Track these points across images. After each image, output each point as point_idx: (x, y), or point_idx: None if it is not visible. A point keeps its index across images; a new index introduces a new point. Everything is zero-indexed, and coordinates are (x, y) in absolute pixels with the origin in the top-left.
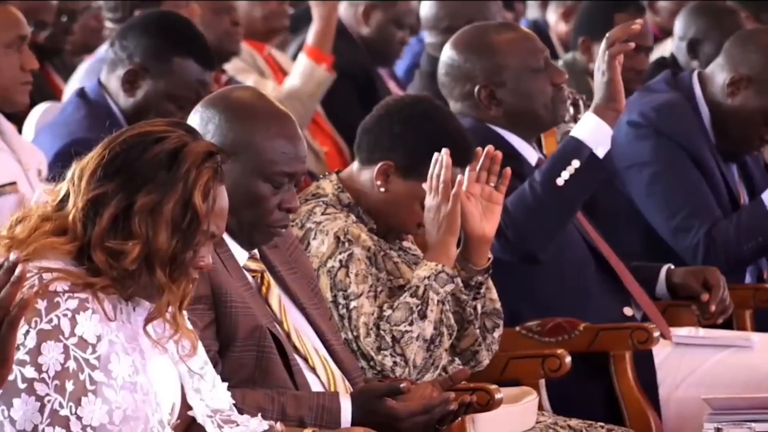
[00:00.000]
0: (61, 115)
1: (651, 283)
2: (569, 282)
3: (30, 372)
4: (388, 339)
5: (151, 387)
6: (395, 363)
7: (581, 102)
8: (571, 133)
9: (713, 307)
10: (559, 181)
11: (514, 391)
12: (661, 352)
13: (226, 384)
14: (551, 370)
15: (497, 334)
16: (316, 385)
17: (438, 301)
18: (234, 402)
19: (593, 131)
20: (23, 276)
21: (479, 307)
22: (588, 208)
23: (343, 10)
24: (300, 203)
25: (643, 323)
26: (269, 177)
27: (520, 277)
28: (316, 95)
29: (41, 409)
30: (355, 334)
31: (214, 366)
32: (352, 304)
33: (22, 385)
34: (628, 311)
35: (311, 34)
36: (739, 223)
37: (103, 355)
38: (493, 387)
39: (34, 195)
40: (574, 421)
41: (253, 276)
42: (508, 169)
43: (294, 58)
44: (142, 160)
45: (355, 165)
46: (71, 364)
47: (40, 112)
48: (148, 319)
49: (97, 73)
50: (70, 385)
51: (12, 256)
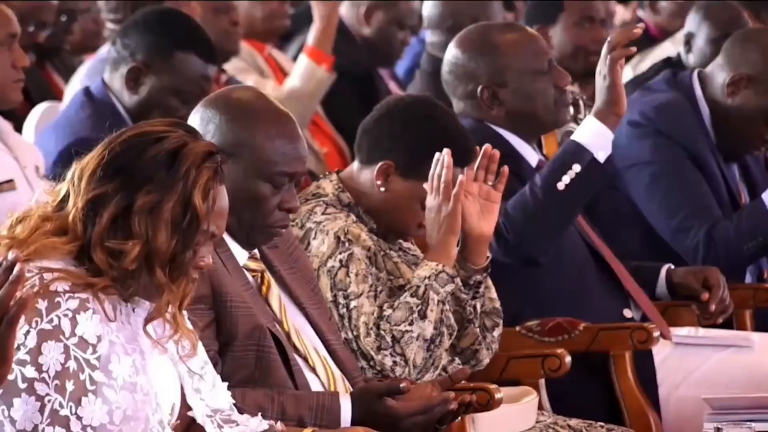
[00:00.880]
0: (65, 115)
1: (651, 283)
2: (569, 283)
3: (30, 372)
4: (388, 339)
5: (151, 387)
6: (395, 363)
7: (581, 102)
8: (572, 137)
9: (713, 307)
10: (560, 186)
11: (514, 391)
12: (661, 352)
13: (226, 384)
14: (551, 370)
15: (497, 333)
16: (316, 385)
17: (438, 301)
18: (234, 402)
19: (594, 135)
20: (22, 275)
21: (479, 306)
22: (588, 209)
23: (344, 11)
24: (300, 203)
25: (643, 323)
26: (269, 177)
27: (520, 277)
28: (316, 95)
29: (41, 409)
30: (355, 333)
31: (214, 366)
32: (352, 303)
33: (23, 385)
34: (627, 313)
35: (312, 35)
36: (740, 223)
37: (103, 355)
38: (493, 387)
39: (32, 192)
40: (574, 421)
41: (253, 276)
42: (506, 168)
43: (294, 58)
44: (142, 160)
45: (355, 165)
46: (72, 364)
47: (40, 112)
48: (148, 319)
49: (98, 72)
50: (70, 385)
51: (11, 255)
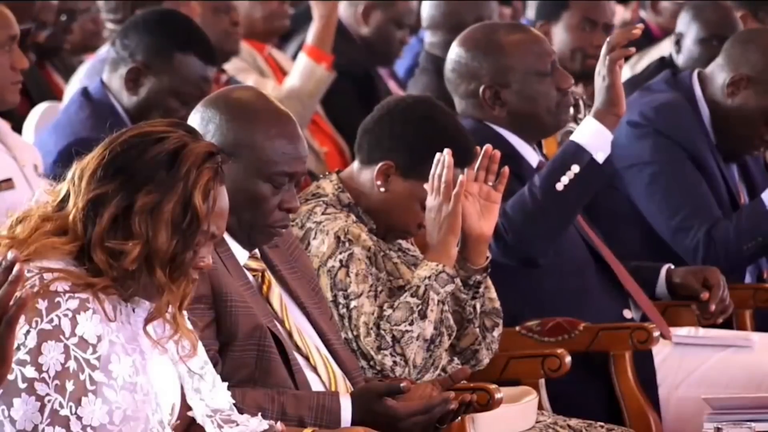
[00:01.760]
0: (64, 115)
1: (651, 283)
2: (569, 283)
3: (30, 372)
4: (388, 338)
5: (151, 387)
6: (395, 363)
7: (581, 102)
8: (571, 138)
9: (713, 307)
10: (559, 186)
11: (514, 391)
12: (661, 352)
13: (225, 384)
14: (551, 370)
15: (497, 333)
16: (316, 385)
17: (438, 301)
18: (234, 401)
19: (593, 136)
20: (21, 275)
21: (478, 306)
22: (588, 209)
23: (342, 10)
24: (300, 203)
25: (643, 323)
26: (269, 177)
27: (520, 277)
28: (316, 94)
29: (41, 409)
30: (355, 333)
31: (215, 366)
32: (353, 303)
33: (23, 385)
34: (627, 314)
35: (311, 34)
36: (739, 223)
37: (103, 355)
38: (493, 387)
39: (31, 191)
40: (573, 421)
41: (253, 275)
42: (506, 168)
43: (294, 58)
44: (143, 160)
45: (355, 165)
46: (72, 364)
47: (40, 112)
48: (148, 320)
49: (98, 72)
50: (70, 385)
51: (10, 255)
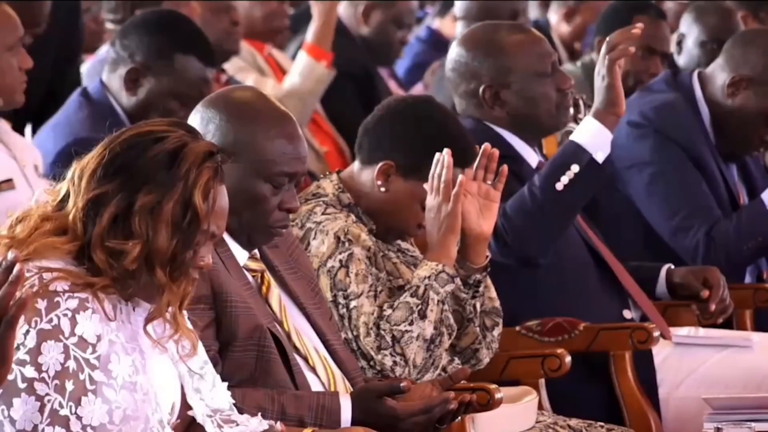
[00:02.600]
0: (63, 115)
1: (651, 282)
2: (569, 283)
3: (30, 372)
4: (388, 338)
5: (151, 387)
6: (395, 363)
7: (581, 102)
8: (570, 138)
9: (713, 306)
10: (559, 186)
11: (514, 391)
12: (661, 352)
13: (225, 384)
14: (551, 370)
15: (497, 332)
16: (316, 385)
17: (438, 301)
18: (234, 402)
19: (593, 136)
20: (21, 275)
21: (478, 305)
22: (588, 209)
23: (342, 10)
24: (300, 203)
25: (643, 323)
26: (269, 177)
27: (520, 277)
28: (316, 93)
29: (41, 409)
30: (355, 333)
31: (215, 366)
32: (352, 303)
33: (22, 385)
34: (627, 314)
35: (311, 32)
36: (739, 223)
37: (103, 354)
38: (493, 387)
39: (31, 191)
40: (574, 421)
41: (253, 276)
42: (505, 167)
43: (294, 57)
44: (143, 159)
45: (355, 165)
46: (71, 364)
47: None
48: (148, 319)
49: (98, 73)
50: (70, 385)
51: (10, 255)
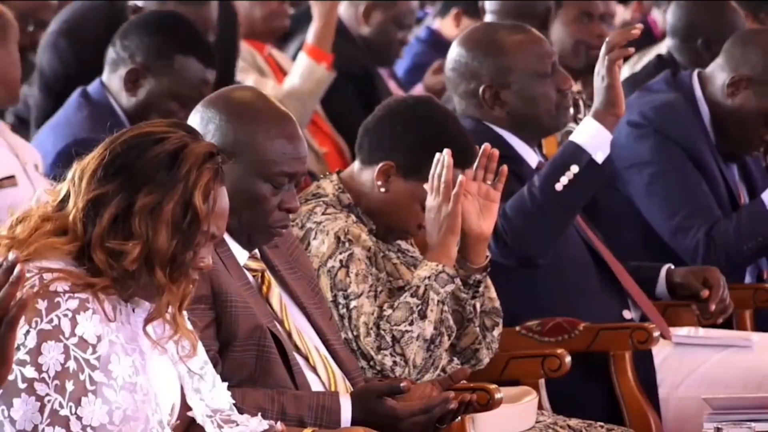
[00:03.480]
0: (63, 116)
1: (651, 282)
2: (569, 283)
3: (30, 372)
4: (388, 339)
5: (151, 387)
6: (395, 363)
7: (581, 102)
8: (570, 138)
9: (713, 307)
10: (558, 186)
11: (514, 391)
12: (661, 352)
13: (225, 384)
14: (551, 370)
15: (497, 332)
16: (316, 385)
17: (438, 301)
18: (234, 402)
19: (593, 136)
20: (22, 276)
21: (478, 305)
22: (588, 209)
23: (343, 10)
24: (300, 203)
25: (643, 323)
26: (269, 177)
27: (521, 277)
28: (316, 94)
29: (41, 409)
30: (355, 333)
31: (215, 366)
32: (352, 303)
33: (23, 385)
34: (627, 314)
35: (311, 33)
36: (739, 223)
37: (103, 355)
38: (493, 387)
39: (32, 188)
40: (573, 421)
41: (253, 275)
42: (505, 167)
43: (294, 58)
44: (143, 160)
45: (355, 165)
46: (71, 364)
47: None
48: (147, 320)
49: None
50: (70, 385)
51: (11, 256)
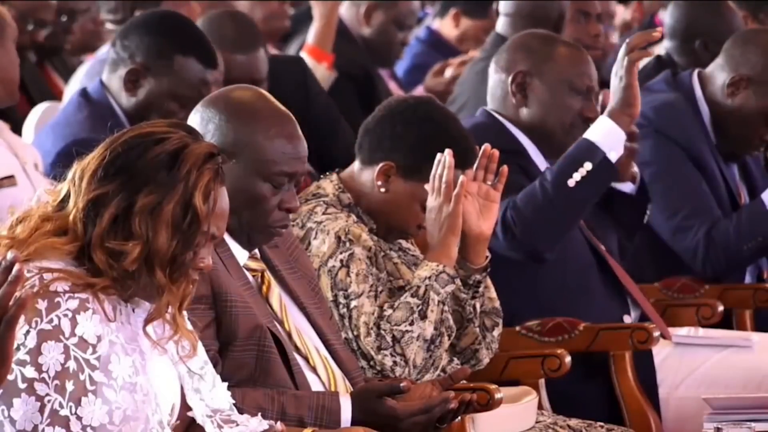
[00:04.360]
0: (63, 116)
1: None
2: (570, 283)
3: (30, 372)
4: (389, 339)
5: (151, 387)
6: (395, 363)
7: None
8: (584, 135)
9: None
10: (571, 182)
11: (514, 391)
12: (661, 352)
13: (225, 384)
14: (551, 370)
15: (497, 332)
16: (316, 385)
17: (439, 301)
18: (234, 402)
19: (607, 135)
20: (21, 275)
21: (478, 305)
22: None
23: (344, 11)
24: (300, 203)
25: (643, 323)
26: (269, 177)
27: (521, 276)
28: None
29: (41, 409)
30: (355, 333)
31: (215, 366)
32: (353, 303)
33: (23, 385)
34: (627, 319)
35: (312, 33)
36: (739, 223)
37: (103, 355)
38: (493, 387)
39: (32, 188)
40: (573, 421)
41: (253, 275)
42: (505, 167)
43: None
44: (143, 160)
45: (356, 165)
46: (71, 364)
47: (40, 112)
48: (147, 320)
49: (98, 73)
50: (70, 385)
51: (9, 255)
